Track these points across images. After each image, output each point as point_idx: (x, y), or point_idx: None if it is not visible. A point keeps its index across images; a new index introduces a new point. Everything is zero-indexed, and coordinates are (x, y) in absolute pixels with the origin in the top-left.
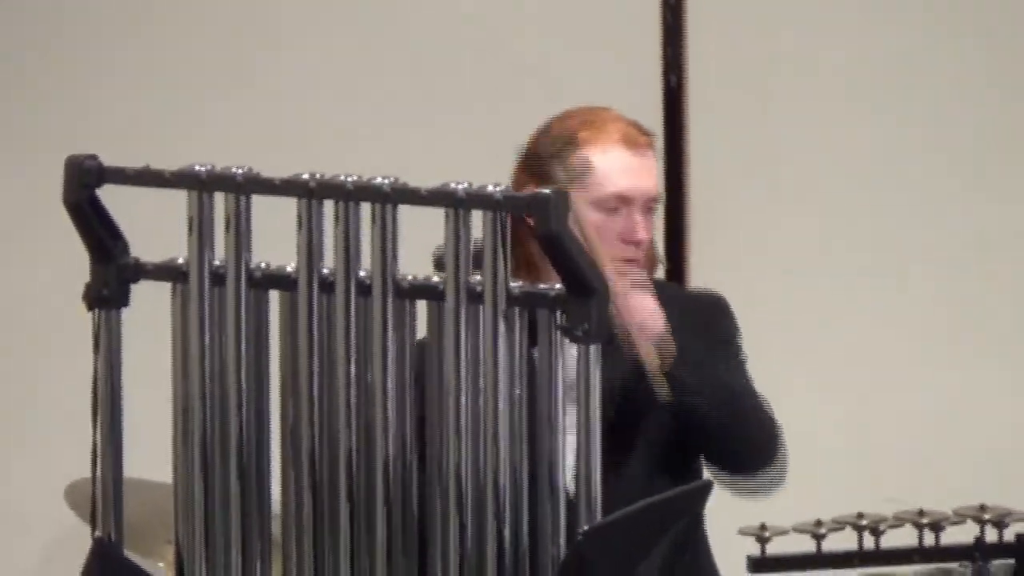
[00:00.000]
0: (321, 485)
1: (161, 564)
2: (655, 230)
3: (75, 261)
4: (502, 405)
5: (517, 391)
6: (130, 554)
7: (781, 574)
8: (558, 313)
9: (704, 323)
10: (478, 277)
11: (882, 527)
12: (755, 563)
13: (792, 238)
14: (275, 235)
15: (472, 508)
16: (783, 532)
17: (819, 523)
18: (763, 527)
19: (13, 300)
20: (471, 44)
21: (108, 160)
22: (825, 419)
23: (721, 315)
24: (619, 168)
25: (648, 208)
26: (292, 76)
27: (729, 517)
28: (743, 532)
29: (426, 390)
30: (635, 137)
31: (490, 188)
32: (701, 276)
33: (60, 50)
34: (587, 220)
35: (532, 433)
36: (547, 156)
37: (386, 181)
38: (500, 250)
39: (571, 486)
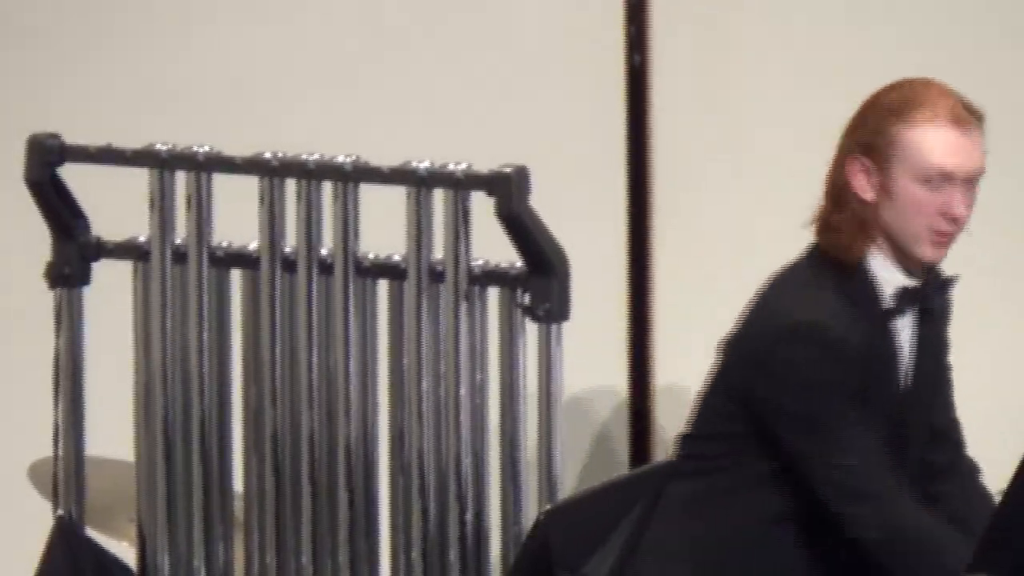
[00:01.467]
0: (283, 465)
1: (124, 542)
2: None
3: (36, 240)
4: (464, 387)
5: (478, 375)
6: (92, 532)
7: None
8: (519, 292)
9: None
10: (439, 256)
11: None
12: None
13: (757, 219)
14: (237, 214)
15: (434, 491)
16: None
17: None
18: None
19: None
20: (434, 20)
21: (70, 138)
22: None
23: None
24: (945, 145)
25: (970, 185)
26: (263, 50)
27: None
28: None
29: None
30: (963, 114)
31: (451, 167)
32: (664, 259)
33: (20, 25)
34: (907, 192)
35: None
36: (874, 129)
37: (347, 160)
38: (461, 228)
39: None
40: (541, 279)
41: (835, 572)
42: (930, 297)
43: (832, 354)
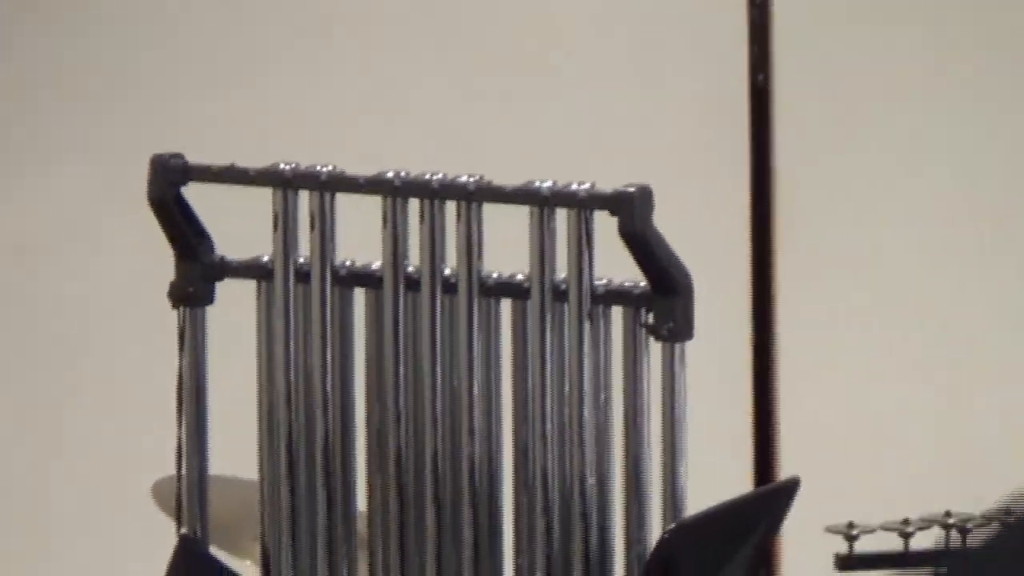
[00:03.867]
0: (407, 486)
1: (248, 561)
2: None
3: (160, 260)
4: (587, 406)
5: (602, 395)
6: (216, 551)
7: (868, 572)
8: (643, 311)
9: None
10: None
11: (970, 525)
12: (842, 561)
13: (883, 239)
14: (360, 233)
15: (559, 511)
16: (870, 530)
17: (907, 521)
18: (850, 525)
19: (99, 298)
20: (557, 41)
21: (192, 158)
22: (916, 415)
23: None
24: None
25: None
26: (373, 75)
27: (815, 515)
28: (830, 530)
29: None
30: None
31: (574, 186)
32: (788, 275)
33: (141, 48)
34: None
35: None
36: None
37: (471, 179)
38: (584, 248)
39: None
40: (665, 298)
41: None
42: None
43: None
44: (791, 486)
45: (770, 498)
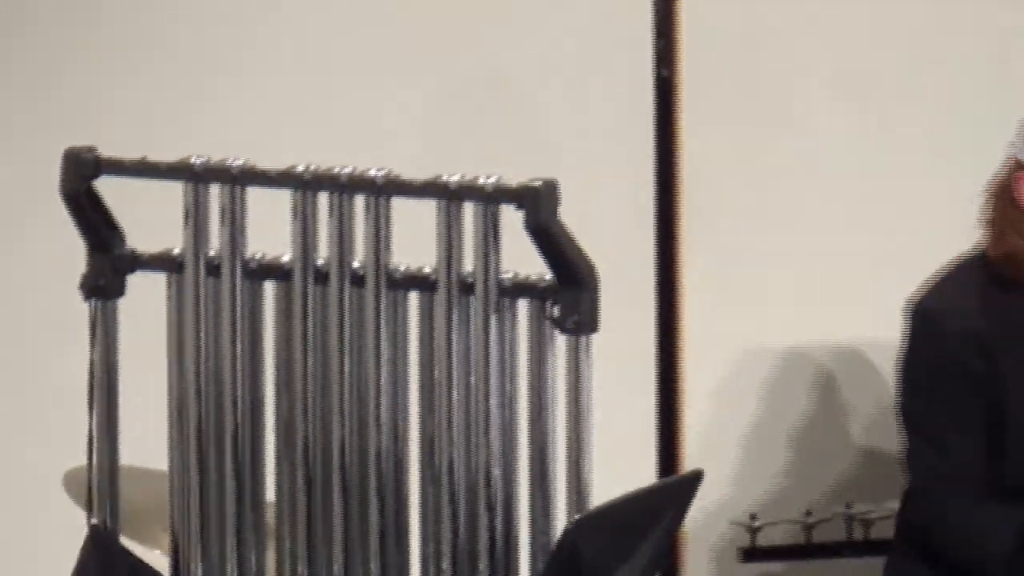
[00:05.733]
0: (315, 475)
1: (158, 551)
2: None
3: (71, 251)
4: (493, 398)
5: (508, 387)
6: (126, 540)
7: (771, 563)
8: (549, 304)
9: None
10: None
11: (872, 517)
12: (745, 553)
13: (786, 230)
14: (270, 226)
15: (464, 501)
16: (773, 523)
17: (808, 513)
18: (753, 517)
19: (10, 290)
20: (458, 39)
21: (107, 150)
22: (816, 414)
23: None
24: None
25: None
26: (294, 67)
27: (720, 507)
28: (734, 523)
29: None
30: None
31: (481, 180)
32: (693, 271)
33: (59, 39)
34: None
35: None
36: None
37: (379, 173)
38: (491, 241)
39: None
40: (570, 291)
41: None
42: None
43: (942, 337)
44: (694, 479)
45: (674, 490)
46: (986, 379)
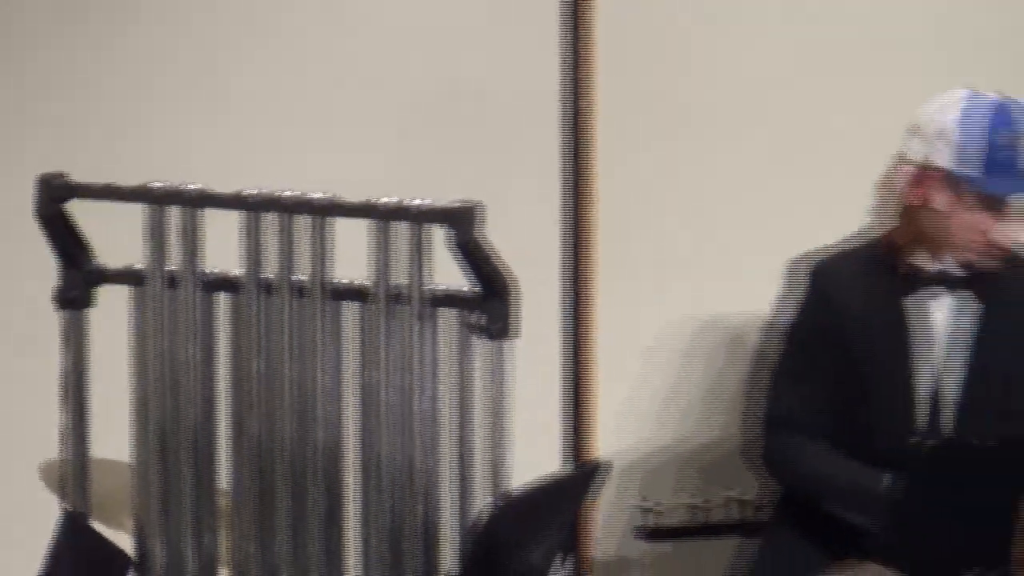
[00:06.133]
0: (263, 466)
1: (123, 533)
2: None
3: (45, 267)
4: (422, 397)
5: (435, 387)
6: (96, 524)
7: (669, 542)
8: (472, 313)
9: None
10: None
11: (766, 501)
12: (647, 533)
13: (690, 239)
14: (223, 243)
15: (395, 488)
16: (672, 507)
17: (708, 500)
18: (655, 503)
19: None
20: (392, 63)
21: (79, 171)
22: (712, 412)
23: None
24: None
25: None
26: (256, 97)
27: (623, 492)
28: (636, 506)
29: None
30: None
31: (411, 202)
32: (601, 283)
33: (33, 65)
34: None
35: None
36: None
37: (320, 196)
38: (420, 257)
39: None
40: (491, 302)
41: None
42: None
43: (824, 300)
44: (599, 468)
45: (581, 478)
46: (846, 343)
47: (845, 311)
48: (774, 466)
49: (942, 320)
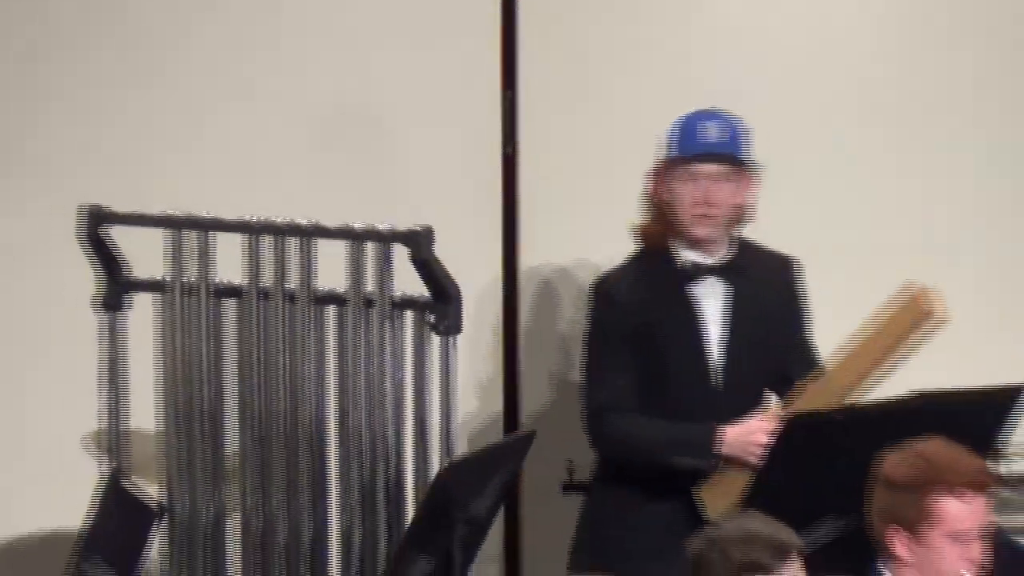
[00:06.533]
0: (264, 436)
1: (155, 486)
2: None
3: (85, 278)
4: (388, 381)
5: (398, 373)
6: (136, 480)
7: (584, 493)
8: (427, 314)
9: (784, 281)
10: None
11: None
12: (565, 486)
13: (603, 244)
14: (230, 260)
15: (368, 455)
16: (584, 465)
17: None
18: (571, 461)
19: (47, 307)
20: (326, 106)
21: (113, 194)
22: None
23: (798, 274)
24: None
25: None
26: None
27: (547, 454)
28: (557, 465)
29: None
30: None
31: (379, 226)
32: (528, 289)
33: (63, 102)
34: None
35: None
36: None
37: (307, 222)
38: (386, 269)
39: None
40: (442, 305)
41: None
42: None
43: (612, 306)
44: (530, 435)
45: (516, 444)
46: (643, 333)
47: (630, 308)
48: (613, 445)
49: (713, 303)
